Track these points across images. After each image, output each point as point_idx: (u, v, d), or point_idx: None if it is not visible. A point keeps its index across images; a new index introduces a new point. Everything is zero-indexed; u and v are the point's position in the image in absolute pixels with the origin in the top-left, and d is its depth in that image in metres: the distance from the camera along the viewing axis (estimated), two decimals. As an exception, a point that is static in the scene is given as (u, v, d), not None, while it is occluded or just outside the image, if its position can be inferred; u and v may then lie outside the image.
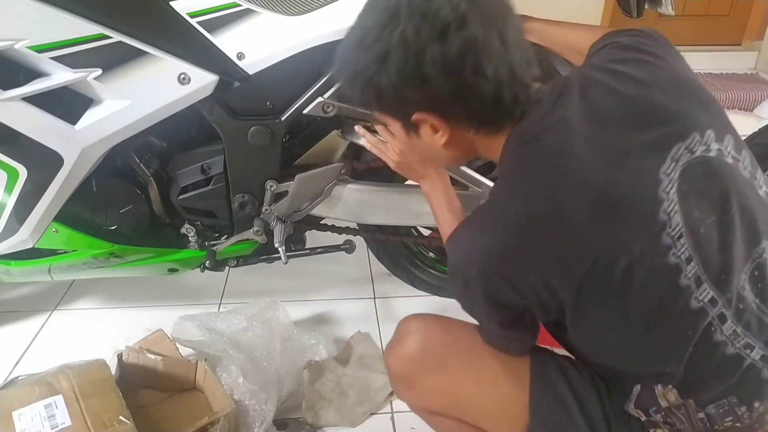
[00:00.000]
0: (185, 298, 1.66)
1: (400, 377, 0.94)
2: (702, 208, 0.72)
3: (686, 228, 0.71)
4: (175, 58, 1.11)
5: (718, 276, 0.72)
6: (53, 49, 1.05)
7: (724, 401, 0.75)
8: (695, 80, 0.83)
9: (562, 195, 0.72)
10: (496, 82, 0.73)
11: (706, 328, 0.72)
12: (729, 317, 0.73)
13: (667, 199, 0.71)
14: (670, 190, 0.71)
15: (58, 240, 1.25)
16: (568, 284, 0.73)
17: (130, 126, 1.13)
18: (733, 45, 3.24)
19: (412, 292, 1.61)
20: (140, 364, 1.26)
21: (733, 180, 0.75)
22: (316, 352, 1.39)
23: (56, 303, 1.66)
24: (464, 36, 0.70)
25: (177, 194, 1.29)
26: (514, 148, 0.79)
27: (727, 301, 0.72)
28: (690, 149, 0.73)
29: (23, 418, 1.03)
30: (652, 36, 0.87)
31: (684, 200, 0.72)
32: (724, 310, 0.72)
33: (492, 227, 0.76)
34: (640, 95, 0.77)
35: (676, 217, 0.71)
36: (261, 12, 1.14)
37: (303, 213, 1.36)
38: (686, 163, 0.73)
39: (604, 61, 0.85)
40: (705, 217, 0.72)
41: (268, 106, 1.22)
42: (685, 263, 0.71)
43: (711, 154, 0.74)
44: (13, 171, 1.13)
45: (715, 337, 0.73)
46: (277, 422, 1.23)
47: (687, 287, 0.71)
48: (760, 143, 1.51)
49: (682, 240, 0.71)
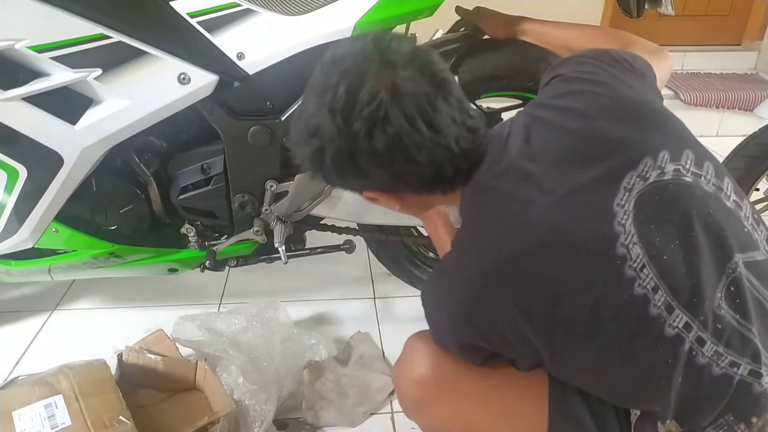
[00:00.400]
0: (185, 298, 1.66)
1: (411, 401, 0.90)
2: (663, 235, 0.71)
3: (648, 258, 0.70)
4: (175, 58, 1.11)
5: (689, 300, 0.71)
6: (53, 49, 1.05)
7: (722, 421, 0.74)
8: (644, 100, 0.82)
9: (517, 241, 0.73)
10: (433, 164, 0.76)
11: (688, 353, 0.71)
12: (707, 339, 0.71)
13: (623, 232, 0.70)
14: (625, 222, 0.70)
15: (58, 240, 1.25)
16: (537, 329, 0.73)
17: (130, 126, 1.13)
18: (733, 45, 3.23)
19: (412, 292, 1.61)
20: (140, 364, 1.25)
21: (693, 199, 0.73)
22: (316, 352, 1.39)
23: (56, 303, 1.66)
24: (388, 133, 0.72)
25: (177, 194, 1.29)
26: (469, 200, 0.81)
27: (702, 324, 0.71)
28: (643, 176, 0.73)
29: (23, 418, 1.03)
30: (596, 59, 0.87)
31: (642, 230, 0.70)
32: (700, 333, 0.71)
33: (454, 280, 0.78)
34: (585, 129, 0.77)
35: (635, 248, 0.70)
36: (261, 12, 1.14)
37: (303, 213, 1.36)
38: (640, 191, 0.72)
39: (549, 98, 0.85)
40: (668, 243, 0.71)
41: (268, 106, 1.22)
42: (651, 293, 0.70)
43: (666, 177, 0.73)
44: (13, 171, 1.13)
45: (698, 360, 0.71)
46: (277, 422, 1.23)
47: (658, 316, 0.70)
48: (760, 143, 1.51)
49: (645, 270, 0.70)
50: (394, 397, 1.32)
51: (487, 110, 1.43)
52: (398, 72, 0.72)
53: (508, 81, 1.32)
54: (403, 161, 0.74)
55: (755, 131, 1.53)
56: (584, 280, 0.70)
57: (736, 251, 0.74)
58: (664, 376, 0.72)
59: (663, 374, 0.72)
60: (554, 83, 0.87)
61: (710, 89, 2.82)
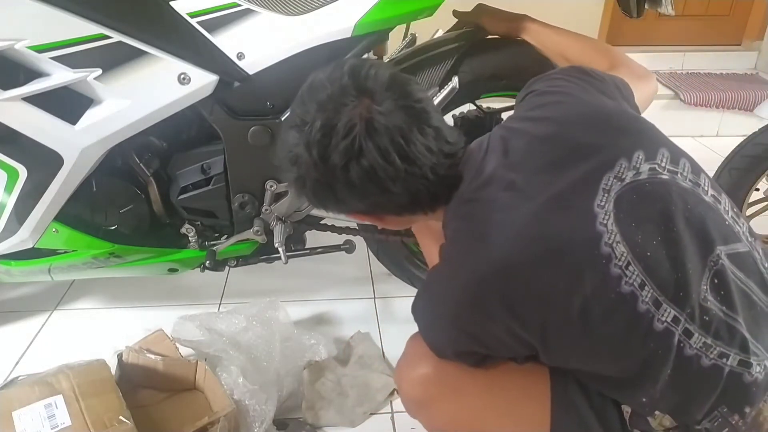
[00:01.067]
0: (185, 298, 1.66)
1: (415, 401, 0.91)
2: (645, 232, 0.72)
3: (632, 255, 0.71)
4: (175, 58, 1.11)
5: (675, 294, 0.72)
6: (53, 49, 1.05)
7: (716, 413, 0.75)
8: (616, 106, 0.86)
9: (503, 248, 0.74)
10: (409, 193, 0.78)
11: (677, 346, 0.72)
12: (695, 331, 0.72)
13: (606, 231, 0.72)
14: (607, 222, 0.72)
15: (58, 240, 1.25)
16: (530, 330, 0.74)
17: (130, 126, 1.13)
18: (733, 45, 3.23)
19: (412, 292, 1.59)
20: (140, 364, 1.25)
21: (671, 196, 0.75)
22: (316, 352, 1.39)
23: (56, 303, 1.66)
24: (363, 166, 0.74)
25: (177, 194, 1.29)
26: (451, 215, 0.83)
27: (689, 317, 0.72)
28: (619, 177, 0.74)
29: (23, 418, 1.03)
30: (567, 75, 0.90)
31: (624, 228, 0.72)
32: (687, 326, 0.72)
33: (445, 292, 0.80)
34: (560, 135, 0.79)
35: (619, 246, 0.71)
36: (261, 12, 1.14)
37: (303, 213, 1.36)
38: (618, 192, 0.73)
39: (524, 111, 0.87)
40: (650, 240, 0.72)
41: (268, 106, 1.22)
42: (639, 289, 0.71)
43: (642, 177, 0.75)
44: (13, 171, 1.13)
45: (686, 352, 0.72)
46: (277, 422, 1.23)
47: (647, 312, 0.71)
48: (759, 143, 1.51)
49: (630, 267, 0.71)
50: (394, 397, 1.32)
51: (487, 110, 1.43)
52: (373, 105, 0.74)
53: (508, 81, 1.32)
54: (378, 192, 0.78)
55: (755, 131, 1.53)
56: (572, 282, 0.71)
57: (718, 243, 0.75)
58: (655, 368, 0.73)
59: (654, 367, 0.73)
60: (528, 99, 0.90)
61: (710, 89, 2.82)
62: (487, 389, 0.87)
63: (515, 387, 0.86)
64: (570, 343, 0.75)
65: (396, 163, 0.75)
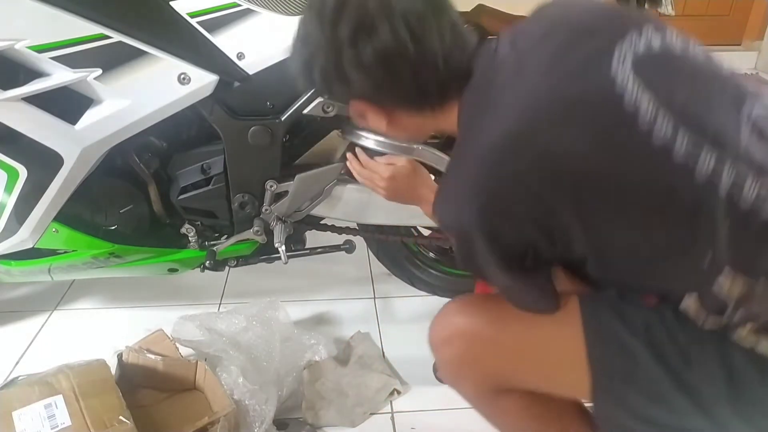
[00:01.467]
0: (185, 298, 1.66)
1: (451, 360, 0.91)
2: (669, 86, 0.72)
3: (660, 108, 0.69)
4: (175, 58, 1.12)
5: (714, 139, 0.69)
6: (53, 49, 1.05)
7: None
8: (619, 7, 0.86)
9: (528, 114, 0.73)
10: (417, 82, 0.78)
11: (728, 198, 0.68)
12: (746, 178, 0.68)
13: (627, 91, 0.70)
14: (627, 83, 0.71)
15: (58, 240, 1.25)
16: (563, 199, 0.72)
17: (130, 126, 1.13)
18: (733, 45, 3.23)
19: (412, 292, 1.61)
20: (140, 364, 1.26)
21: (688, 59, 0.75)
22: (316, 352, 1.39)
23: (56, 303, 1.66)
24: (373, 45, 0.74)
25: (177, 194, 1.29)
26: (465, 104, 0.81)
27: (733, 163, 0.68)
28: (632, 47, 0.74)
29: (23, 418, 1.03)
30: None
31: (647, 86, 0.71)
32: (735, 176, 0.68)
33: (468, 169, 0.77)
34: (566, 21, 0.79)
35: (643, 103, 0.70)
36: (261, 12, 1.14)
37: (303, 213, 1.36)
38: (633, 59, 0.73)
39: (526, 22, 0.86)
40: (675, 93, 0.71)
41: (268, 106, 1.22)
42: (671, 140, 0.69)
43: (655, 44, 0.75)
44: (13, 171, 1.13)
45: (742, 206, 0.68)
46: (277, 422, 1.23)
47: (684, 163, 0.69)
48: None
49: (659, 120, 0.69)
50: (394, 397, 1.32)
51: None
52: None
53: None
54: (387, 75, 0.76)
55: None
56: (599, 139, 0.70)
57: (749, 96, 0.74)
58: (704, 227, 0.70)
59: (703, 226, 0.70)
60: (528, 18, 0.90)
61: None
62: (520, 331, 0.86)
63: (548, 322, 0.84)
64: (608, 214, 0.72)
65: (407, 46, 0.74)
